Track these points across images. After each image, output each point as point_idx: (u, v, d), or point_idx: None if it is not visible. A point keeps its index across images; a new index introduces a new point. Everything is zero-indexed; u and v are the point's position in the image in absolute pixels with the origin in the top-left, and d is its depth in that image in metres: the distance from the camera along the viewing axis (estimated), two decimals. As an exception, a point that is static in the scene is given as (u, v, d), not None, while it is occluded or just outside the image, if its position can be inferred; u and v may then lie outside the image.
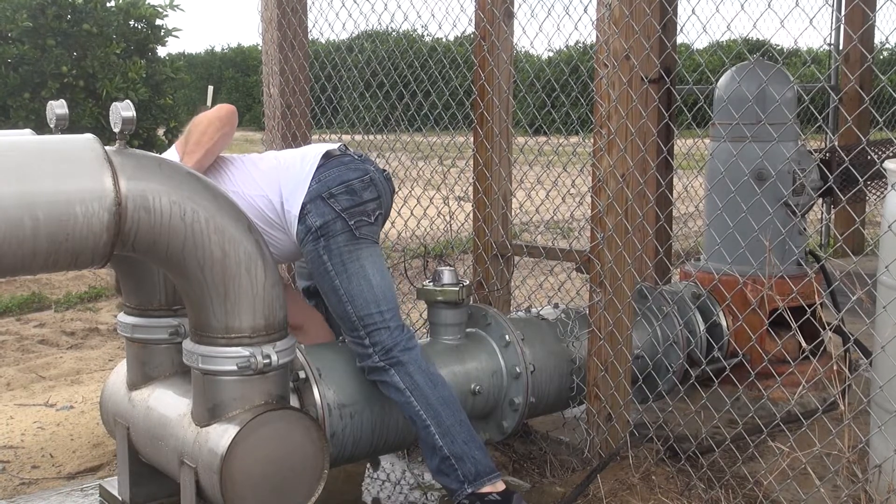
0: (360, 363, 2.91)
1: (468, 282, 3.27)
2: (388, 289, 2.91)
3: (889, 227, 2.72)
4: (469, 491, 2.83)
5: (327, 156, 2.98)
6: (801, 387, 3.33)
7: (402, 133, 5.00)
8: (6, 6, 9.13)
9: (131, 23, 9.86)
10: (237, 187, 2.96)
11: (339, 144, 3.06)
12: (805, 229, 4.12)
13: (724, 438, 3.13)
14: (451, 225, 4.59)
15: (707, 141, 4.26)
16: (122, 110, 2.39)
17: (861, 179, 3.44)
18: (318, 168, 2.94)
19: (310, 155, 2.99)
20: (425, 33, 5.23)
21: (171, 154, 3.02)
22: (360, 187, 2.93)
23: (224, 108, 3.02)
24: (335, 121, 5.35)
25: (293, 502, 2.59)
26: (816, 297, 3.68)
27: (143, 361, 2.90)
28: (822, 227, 7.43)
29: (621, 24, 3.05)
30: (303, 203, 2.90)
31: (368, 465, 3.45)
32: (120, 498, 2.99)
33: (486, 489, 2.84)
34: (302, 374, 2.83)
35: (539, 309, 3.58)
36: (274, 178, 2.97)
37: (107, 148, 2.34)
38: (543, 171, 4.19)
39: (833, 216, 6.97)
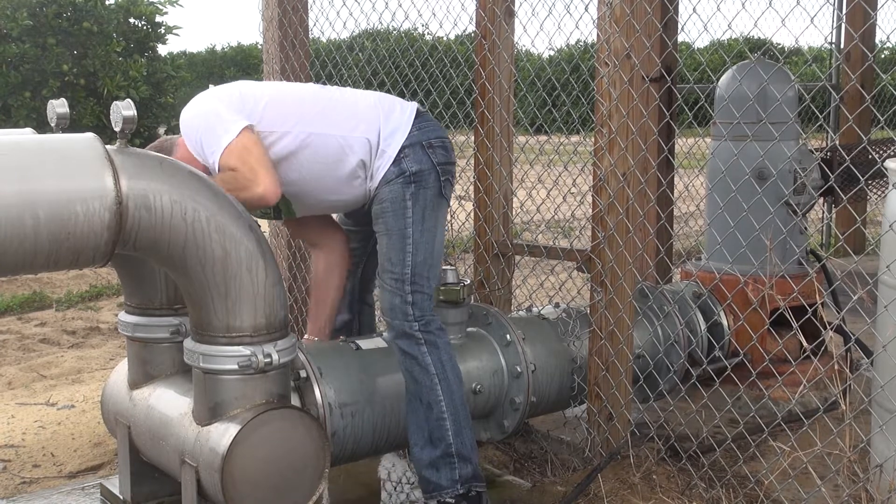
0: (393, 320, 2.86)
1: (469, 281, 3.26)
2: (439, 258, 2.95)
3: (890, 226, 2.72)
4: (461, 492, 2.87)
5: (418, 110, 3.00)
6: (802, 386, 3.34)
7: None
8: (6, 5, 9.14)
9: (131, 20, 9.88)
10: (333, 129, 2.88)
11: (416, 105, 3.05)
12: (806, 228, 4.12)
13: (726, 438, 3.12)
14: (451, 224, 4.58)
15: (708, 140, 4.26)
16: (123, 109, 2.39)
17: (862, 178, 3.45)
18: (416, 117, 2.95)
19: (406, 104, 3.00)
20: (426, 32, 5.21)
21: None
22: (449, 147, 3.00)
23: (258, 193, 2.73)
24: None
25: (294, 501, 2.59)
26: (817, 296, 3.67)
27: (145, 360, 2.90)
28: (823, 227, 7.42)
29: (622, 23, 3.05)
30: (402, 146, 2.89)
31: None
32: (121, 497, 2.99)
33: (472, 493, 2.89)
34: (303, 373, 2.83)
35: (540, 308, 3.58)
36: (374, 119, 2.92)
37: (108, 147, 2.34)
38: (544, 171, 4.19)
39: (834, 215, 6.97)
